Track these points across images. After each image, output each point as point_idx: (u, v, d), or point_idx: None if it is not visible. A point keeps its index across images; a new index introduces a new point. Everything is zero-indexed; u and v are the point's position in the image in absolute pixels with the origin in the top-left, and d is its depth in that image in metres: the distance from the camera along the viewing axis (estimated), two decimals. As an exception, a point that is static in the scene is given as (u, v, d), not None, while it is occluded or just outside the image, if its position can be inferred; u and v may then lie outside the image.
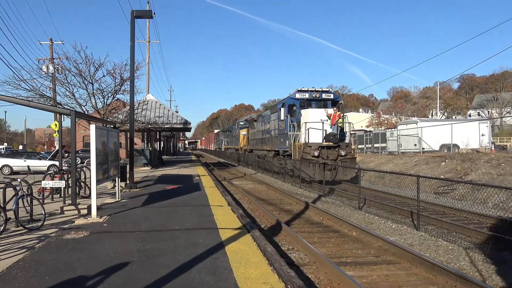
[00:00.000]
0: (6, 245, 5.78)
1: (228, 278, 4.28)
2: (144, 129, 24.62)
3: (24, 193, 7.15)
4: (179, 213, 8.27)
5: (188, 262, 4.83)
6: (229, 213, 8.31)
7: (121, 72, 17.71)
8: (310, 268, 5.99)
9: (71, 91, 17.05)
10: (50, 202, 10.05)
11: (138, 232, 6.53)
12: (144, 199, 10.39)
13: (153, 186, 13.50)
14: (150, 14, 13.74)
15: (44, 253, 5.27)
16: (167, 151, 51.32)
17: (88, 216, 7.77)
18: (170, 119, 25.59)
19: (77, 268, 4.60)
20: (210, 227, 6.84)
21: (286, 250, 7.01)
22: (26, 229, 6.73)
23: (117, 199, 10.17)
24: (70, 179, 9.90)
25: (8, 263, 4.85)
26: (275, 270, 4.57)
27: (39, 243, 5.86)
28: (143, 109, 22.87)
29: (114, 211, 8.44)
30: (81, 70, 16.72)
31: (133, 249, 5.47)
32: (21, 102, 9.51)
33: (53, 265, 4.72)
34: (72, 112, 8.72)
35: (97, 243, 5.77)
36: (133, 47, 12.94)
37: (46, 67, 20.51)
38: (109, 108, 18.46)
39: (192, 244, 5.71)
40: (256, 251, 5.37)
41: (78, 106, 16.99)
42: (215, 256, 5.08)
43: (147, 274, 4.39)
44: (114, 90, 18.03)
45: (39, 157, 23.18)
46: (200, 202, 9.80)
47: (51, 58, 26.18)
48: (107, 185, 13.10)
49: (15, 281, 4.22)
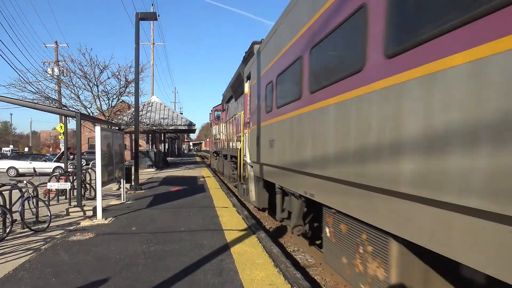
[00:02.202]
0: (12, 246, 5.80)
1: (234, 279, 4.26)
2: (148, 130, 24.70)
3: (30, 195, 7.18)
4: (184, 214, 8.26)
5: (194, 264, 4.81)
6: (234, 214, 8.29)
7: (125, 74, 17.80)
8: (316, 269, 5.95)
9: (76, 93, 17.16)
10: (55, 204, 10.09)
11: (144, 233, 6.53)
12: (149, 200, 10.39)
13: (158, 188, 13.52)
14: (155, 16, 13.78)
15: (50, 255, 5.27)
16: (171, 152, 51.43)
17: (93, 218, 7.79)
18: (174, 120, 25.67)
19: (83, 270, 4.60)
20: (215, 229, 6.82)
21: (292, 251, 6.97)
22: (32, 230, 6.75)
23: (122, 201, 10.19)
24: (75, 181, 9.94)
25: (15, 264, 4.86)
26: (281, 271, 4.53)
27: (45, 244, 5.87)
28: (147, 111, 22.94)
29: (120, 213, 8.45)
30: (86, 72, 16.83)
31: (138, 250, 5.46)
32: (27, 105, 9.56)
33: (59, 267, 4.72)
34: (77, 114, 8.74)
35: (102, 245, 5.77)
36: (137, 49, 13.00)
37: (51, 69, 20.70)
38: (114, 110, 18.53)
39: (198, 245, 5.69)
40: (262, 252, 5.34)
41: (83, 108, 17.08)
42: (220, 258, 5.05)
43: (152, 276, 4.38)
44: (119, 92, 18.11)
45: (44, 159, 23.32)
46: (205, 204, 9.78)
47: (56, 61, 26.39)
48: (112, 186, 13.15)
49: (21, 282, 4.22)
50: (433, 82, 2.63)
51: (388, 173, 3.17)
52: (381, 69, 3.30)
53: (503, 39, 2.11)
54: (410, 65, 2.90)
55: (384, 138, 3.25)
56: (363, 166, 3.60)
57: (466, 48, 2.35)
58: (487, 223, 2.26)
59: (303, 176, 5.49)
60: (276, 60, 6.96)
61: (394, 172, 3.07)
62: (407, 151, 2.90)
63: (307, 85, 5.20)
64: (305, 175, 5.42)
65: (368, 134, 3.53)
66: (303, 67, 5.35)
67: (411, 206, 2.96)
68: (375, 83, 3.41)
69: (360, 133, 3.69)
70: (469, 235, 2.40)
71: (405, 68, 2.95)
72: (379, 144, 3.33)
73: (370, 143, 3.48)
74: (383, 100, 3.27)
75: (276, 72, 6.90)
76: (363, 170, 3.61)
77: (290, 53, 6.08)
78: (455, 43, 2.45)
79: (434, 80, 2.62)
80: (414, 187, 2.81)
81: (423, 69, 2.74)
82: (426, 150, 2.69)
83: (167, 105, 27.53)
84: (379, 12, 3.35)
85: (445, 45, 2.54)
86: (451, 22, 2.47)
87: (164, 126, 24.78)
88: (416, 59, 2.83)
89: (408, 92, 2.92)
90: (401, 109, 3.00)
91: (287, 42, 6.21)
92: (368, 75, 3.53)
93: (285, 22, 6.46)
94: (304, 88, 5.32)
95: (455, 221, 2.51)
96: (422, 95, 2.75)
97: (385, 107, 3.23)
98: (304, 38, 5.33)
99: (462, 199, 2.36)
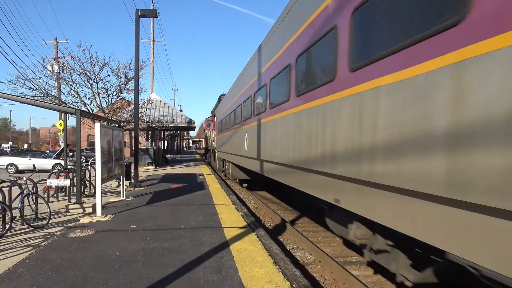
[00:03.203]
0: (12, 243, 5.80)
1: (233, 277, 4.26)
2: (148, 128, 24.68)
3: (30, 192, 7.19)
4: (184, 212, 8.27)
5: (193, 261, 4.82)
6: (234, 212, 8.30)
7: (125, 71, 17.80)
8: (315, 267, 5.96)
9: (76, 90, 17.15)
10: (55, 200, 10.10)
11: (143, 230, 6.54)
12: (149, 198, 10.40)
13: (157, 185, 13.52)
14: (155, 13, 13.74)
15: (50, 252, 5.28)
16: (171, 150, 51.43)
17: (93, 215, 7.79)
18: (174, 118, 25.63)
19: (83, 267, 4.61)
20: (215, 226, 6.83)
21: (291, 249, 6.99)
22: (32, 227, 6.76)
23: (121, 198, 10.20)
24: (75, 177, 9.94)
25: (14, 261, 4.87)
26: (280, 269, 4.54)
27: (44, 241, 5.88)
28: (147, 108, 22.92)
29: (119, 210, 8.46)
30: (85, 69, 16.82)
31: (138, 247, 5.46)
32: (27, 101, 9.54)
33: (59, 264, 4.73)
34: (77, 111, 8.73)
35: (102, 242, 5.78)
36: (137, 46, 12.96)
37: (51, 66, 20.62)
38: (113, 107, 18.53)
39: (197, 243, 5.70)
40: (261, 250, 5.35)
41: (83, 105, 17.07)
42: (220, 255, 5.06)
43: (152, 273, 4.39)
44: (119, 89, 18.10)
45: (44, 156, 23.30)
46: (204, 201, 9.79)
47: (56, 57, 26.34)
48: (111, 184, 13.15)
49: (21, 279, 4.23)
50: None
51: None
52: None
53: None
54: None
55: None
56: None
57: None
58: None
59: (230, 155, 15.37)
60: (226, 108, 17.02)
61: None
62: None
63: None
64: (229, 155, 15.63)
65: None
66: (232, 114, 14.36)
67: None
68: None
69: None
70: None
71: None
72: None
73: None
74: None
75: (225, 114, 16.64)
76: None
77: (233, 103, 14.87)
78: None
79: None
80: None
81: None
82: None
83: (167, 103, 27.48)
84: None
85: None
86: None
87: (163, 124, 24.76)
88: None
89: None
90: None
91: (228, 102, 15.85)
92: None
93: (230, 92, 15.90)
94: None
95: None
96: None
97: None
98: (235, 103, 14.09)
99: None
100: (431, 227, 2.81)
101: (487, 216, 2.33)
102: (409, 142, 2.97)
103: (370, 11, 3.71)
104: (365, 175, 3.71)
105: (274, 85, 7.62)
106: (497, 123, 2.18)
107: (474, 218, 2.42)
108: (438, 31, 2.69)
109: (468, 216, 2.46)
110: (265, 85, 8.41)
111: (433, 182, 2.68)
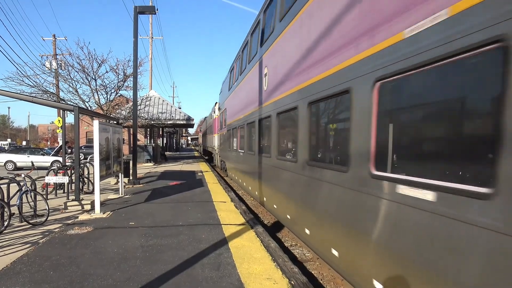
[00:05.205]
0: (10, 240, 5.80)
1: (232, 273, 4.28)
2: (147, 125, 24.65)
3: (28, 189, 7.17)
4: (182, 209, 8.27)
5: (192, 258, 4.83)
6: (232, 209, 8.31)
7: (124, 68, 17.74)
8: (314, 264, 5.98)
9: (74, 87, 17.09)
10: (53, 197, 10.09)
11: (142, 227, 6.54)
12: (147, 195, 10.40)
13: (156, 182, 13.52)
14: (153, 9, 13.69)
15: (48, 248, 5.28)
16: (170, 147, 51.39)
17: (91, 212, 7.79)
18: (173, 115, 25.59)
19: (81, 264, 4.61)
20: (213, 223, 6.84)
21: (289, 246, 7.00)
22: (30, 224, 6.76)
23: (120, 195, 10.20)
24: (73, 175, 9.93)
25: (13, 258, 4.87)
26: (278, 266, 4.56)
27: (43, 238, 5.88)
28: (146, 105, 22.86)
29: (118, 207, 8.46)
30: (84, 66, 16.75)
31: (136, 244, 5.47)
32: (25, 98, 9.51)
33: (57, 260, 4.74)
34: (75, 108, 8.71)
35: (100, 239, 5.78)
36: (136, 43, 12.94)
37: (49, 63, 20.57)
38: (112, 104, 18.48)
39: (196, 239, 5.71)
40: (260, 247, 5.37)
41: (81, 102, 17.02)
42: (218, 252, 5.08)
43: (151, 270, 4.39)
44: (117, 86, 18.04)
45: (42, 153, 23.25)
46: (203, 198, 9.80)
47: (54, 54, 26.23)
48: (110, 181, 13.14)
49: (20, 276, 4.23)
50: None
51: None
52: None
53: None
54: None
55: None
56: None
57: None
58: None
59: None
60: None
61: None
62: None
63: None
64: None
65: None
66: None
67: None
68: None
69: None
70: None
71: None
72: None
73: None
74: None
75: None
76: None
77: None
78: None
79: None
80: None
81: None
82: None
83: (166, 100, 27.41)
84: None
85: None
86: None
87: (162, 121, 24.72)
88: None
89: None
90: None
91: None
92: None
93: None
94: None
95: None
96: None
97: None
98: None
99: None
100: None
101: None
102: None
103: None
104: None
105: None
106: None
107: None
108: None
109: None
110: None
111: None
